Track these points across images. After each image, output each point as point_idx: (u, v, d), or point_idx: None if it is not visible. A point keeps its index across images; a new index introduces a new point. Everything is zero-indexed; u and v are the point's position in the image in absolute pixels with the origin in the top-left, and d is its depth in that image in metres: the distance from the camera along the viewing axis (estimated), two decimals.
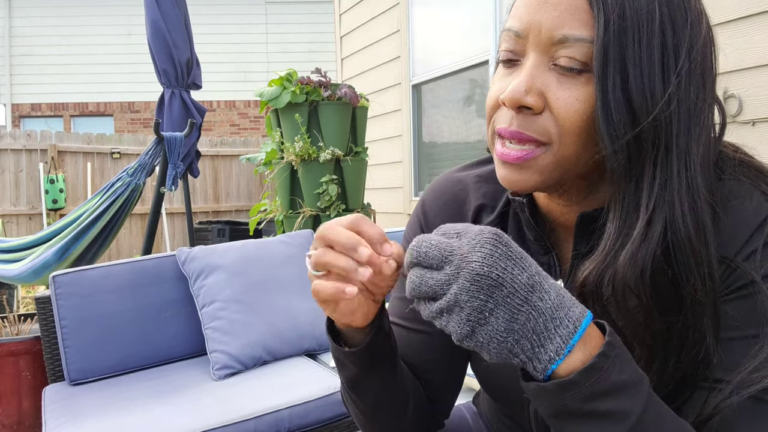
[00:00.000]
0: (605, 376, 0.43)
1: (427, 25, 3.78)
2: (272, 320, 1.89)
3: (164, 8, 2.93)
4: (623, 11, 0.49)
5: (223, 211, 6.91)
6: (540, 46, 0.53)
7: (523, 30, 0.54)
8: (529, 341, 0.43)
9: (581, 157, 0.53)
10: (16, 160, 6.02)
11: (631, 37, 0.49)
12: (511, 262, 0.43)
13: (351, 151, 3.10)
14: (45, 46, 9.61)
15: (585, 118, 0.51)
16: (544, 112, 0.53)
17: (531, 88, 0.52)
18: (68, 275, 1.82)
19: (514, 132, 0.54)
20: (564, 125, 0.52)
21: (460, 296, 0.42)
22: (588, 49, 0.50)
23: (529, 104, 0.52)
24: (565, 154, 0.53)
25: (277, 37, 10.14)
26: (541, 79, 0.52)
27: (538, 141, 0.53)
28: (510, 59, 0.55)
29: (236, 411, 1.51)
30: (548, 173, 0.54)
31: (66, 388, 1.74)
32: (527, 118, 0.53)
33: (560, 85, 0.52)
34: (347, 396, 0.65)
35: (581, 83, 0.51)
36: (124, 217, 2.63)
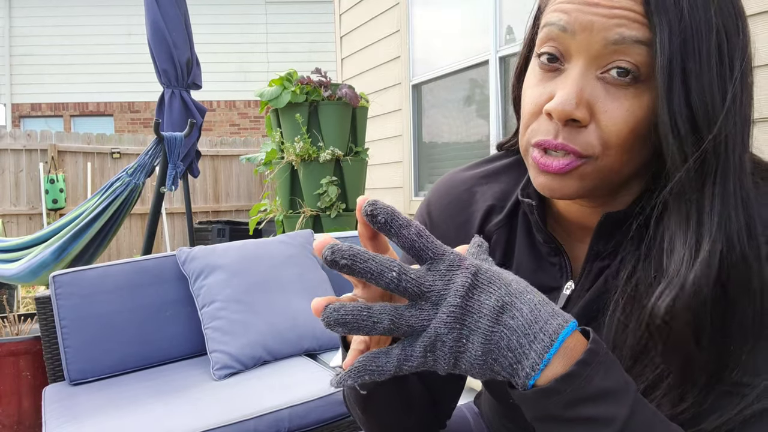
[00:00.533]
0: (585, 383, 0.43)
1: (427, 25, 3.78)
2: (272, 320, 1.89)
3: (164, 8, 2.93)
4: (684, 20, 0.48)
5: (223, 211, 6.91)
6: (591, 49, 0.50)
7: (571, 26, 0.50)
8: (506, 359, 0.43)
9: (623, 166, 0.53)
10: (16, 160, 6.02)
11: (692, 47, 0.48)
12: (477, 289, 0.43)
13: (351, 151, 3.10)
14: (45, 46, 9.61)
15: (632, 131, 0.50)
16: (590, 125, 0.51)
17: (581, 101, 0.50)
18: (68, 275, 1.82)
19: (559, 145, 0.52)
20: (609, 139, 0.50)
21: (440, 329, 0.42)
22: (644, 53, 0.48)
23: (579, 117, 0.50)
24: (608, 165, 0.52)
25: (277, 37, 10.14)
26: (589, 90, 0.50)
27: (581, 154, 0.51)
28: (552, 59, 0.53)
29: (236, 411, 1.51)
30: (589, 181, 0.53)
31: (66, 388, 1.74)
32: (573, 130, 0.51)
33: (608, 96, 0.50)
34: (354, 403, 0.65)
35: (630, 95, 0.50)
36: (123, 217, 2.63)
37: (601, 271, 0.60)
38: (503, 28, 3.12)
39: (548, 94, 0.53)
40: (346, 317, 0.42)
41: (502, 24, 3.12)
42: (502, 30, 3.13)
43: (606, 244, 0.59)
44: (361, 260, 0.41)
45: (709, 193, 0.49)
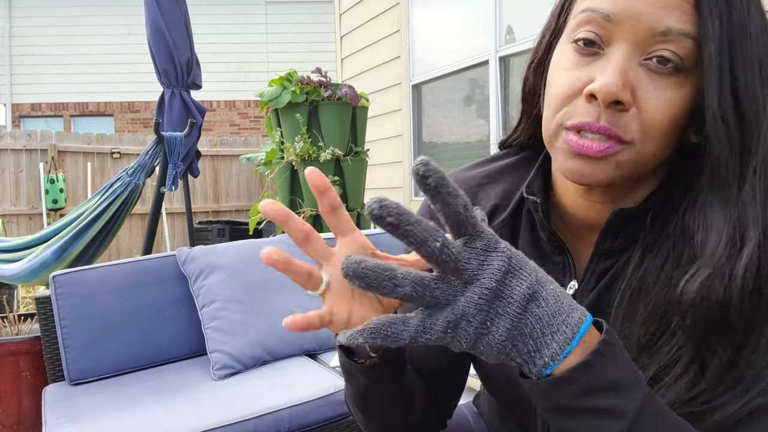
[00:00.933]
0: (599, 373, 0.43)
1: (427, 25, 3.78)
2: (272, 320, 1.89)
3: (164, 8, 2.93)
4: (731, 14, 0.48)
5: (223, 211, 6.91)
6: (636, 36, 0.49)
7: (616, 15, 0.50)
8: (526, 346, 0.43)
9: (657, 157, 0.53)
10: (16, 160, 6.02)
11: (739, 39, 0.49)
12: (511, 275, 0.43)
13: (351, 151, 3.10)
14: (45, 46, 9.61)
15: (672, 121, 0.50)
16: (631, 110, 0.50)
17: (627, 83, 0.49)
18: (68, 275, 1.82)
19: (602, 128, 0.50)
20: (651, 126, 0.50)
21: (468, 309, 0.41)
22: (689, 46, 0.49)
23: (624, 100, 0.49)
24: (645, 153, 0.52)
25: (277, 37, 10.14)
26: (633, 74, 0.50)
27: (622, 139, 0.51)
28: (593, 43, 0.52)
29: (236, 411, 1.51)
30: (624, 169, 0.52)
31: (66, 388, 1.74)
32: (615, 114, 0.50)
33: (651, 82, 0.50)
34: (354, 403, 0.65)
35: (672, 84, 0.50)
36: (124, 217, 2.63)
37: (606, 270, 0.59)
38: (503, 28, 3.12)
39: (586, 77, 0.52)
40: (366, 272, 0.40)
41: (502, 24, 3.12)
42: (502, 30, 3.13)
43: (613, 242, 0.58)
44: (407, 222, 0.40)
45: (751, 182, 0.49)
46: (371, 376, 0.58)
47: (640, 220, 0.56)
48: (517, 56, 3.03)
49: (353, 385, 0.61)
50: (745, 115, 0.49)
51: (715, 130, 0.49)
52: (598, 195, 0.59)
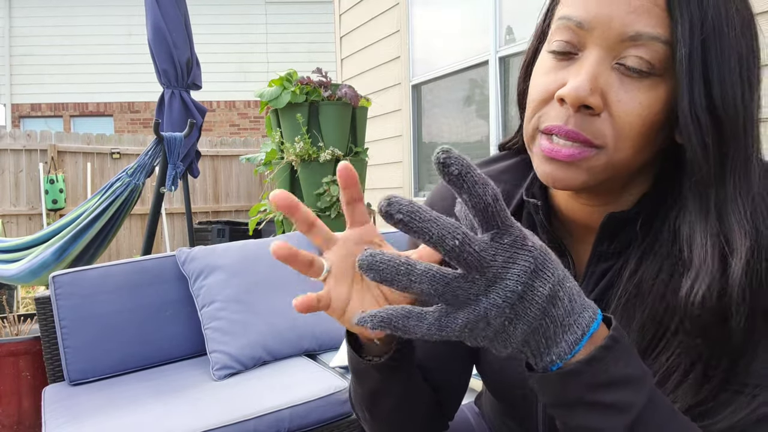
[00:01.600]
0: (607, 368, 0.42)
1: (427, 26, 3.79)
2: (272, 320, 1.89)
3: (164, 8, 2.93)
4: (706, 15, 0.48)
5: (222, 212, 6.91)
6: (607, 42, 0.50)
7: (588, 22, 0.50)
8: (538, 344, 0.43)
9: (633, 161, 0.52)
10: (15, 161, 6.02)
11: (713, 42, 0.48)
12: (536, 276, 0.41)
13: (351, 152, 3.10)
14: (45, 46, 9.60)
15: (645, 124, 0.50)
16: (603, 114, 0.50)
17: (595, 88, 0.49)
18: (68, 275, 1.82)
19: (570, 131, 0.50)
20: (623, 129, 0.50)
21: (490, 311, 0.40)
22: (660, 50, 0.48)
23: (592, 104, 0.49)
24: (618, 158, 0.51)
25: (277, 37, 10.14)
26: (603, 78, 0.50)
27: (593, 143, 0.50)
28: (567, 51, 0.52)
29: (236, 411, 1.51)
30: (596, 174, 0.52)
31: (66, 388, 1.74)
32: (585, 118, 0.50)
33: (623, 86, 0.50)
34: (362, 404, 0.64)
35: (645, 87, 0.49)
36: (123, 218, 2.63)
37: (605, 272, 0.59)
38: (503, 29, 3.12)
39: (560, 81, 0.52)
40: (381, 265, 0.38)
41: (502, 24, 3.12)
42: (502, 30, 3.13)
43: (609, 245, 0.58)
44: (420, 219, 0.37)
45: (731, 187, 0.49)
46: (382, 375, 0.57)
47: (635, 222, 0.56)
48: (517, 56, 3.03)
49: (362, 384, 0.60)
50: (721, 117, 0.48)
51: (687, 132, 0.49)
52: (586, 197, 0.59)
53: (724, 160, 0.49)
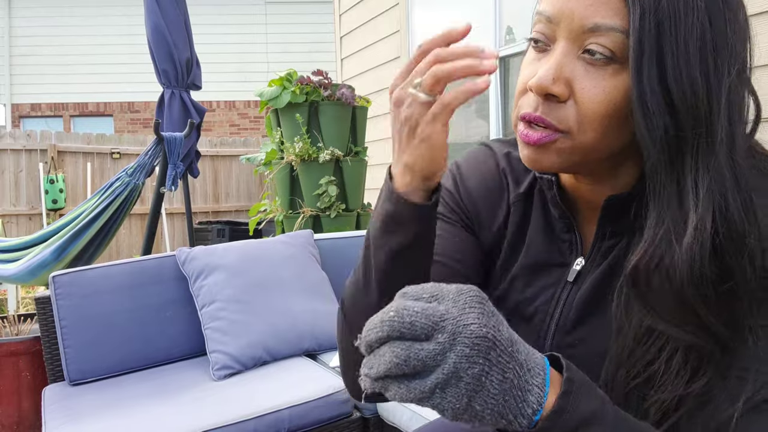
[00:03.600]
0: (572, 414, 0.43)
1: (428, 26, 3.79)
2: (272, 320, 1.89)
3: (164, 8, 2.93)
4: (658, 5, 0.49)
5: (222, 212, 6.91)
6: (571, 34, 0.53)
7: (554, 16, 0.55)
8: (514, 398, 0.42)
9: (600, 144, 0.55)
10: (15, 160, 6.02)
11: (668, 28, 0.49)
12: (494, 318, 0.42)
13: (350, 152, 3.10)
14: (45, 46, 9.60)
15: (607, 109, 0.53)
16: (569, 101, 0.54)
17: (559, 77, 0.53)
18: (68, 275, 1.82)
19: (536, 117, 0.55)
20: (585, 115, 0.53)
21: (460, 365, 0.40)
22: (619, 39, 0.51)
23: (556, 92, 0.53)
24: (584, 141, 0.55)
25: (277, 37, 10.13)
26: (569, 68, 0.54)
27: (558, 128, 0.55)
28: (540, 41, 0.57)
29: (236, 411, 1.51)
30: (566, 156, 0.56)
31: (66, 388, 1.74)
32: (551, 105, 0.55)
33: (587, 74, 0.53)
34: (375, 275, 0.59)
35: (608, 74, 0.53)
36: (123, 217, 2.62)
37: (610, 249, 0.62)
38: (503, 29, 3.12)
39: (534, 72, 0.56)
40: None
41: (502, 24, 3.12)
42: (501, 30, 3.13)
43: (613, 224, 0.61)
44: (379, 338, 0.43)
45: (692, 170, 0.51)
46: (421, 224, 0.56)
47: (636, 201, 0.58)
48: (517, 57, 3.03)
49: (394, 241, 0.57)
50: (675, 102, 0.50)
51: (637, 118, 0.51)
52: (584, 179, 0.62)
53: (682, 144, 0.50)
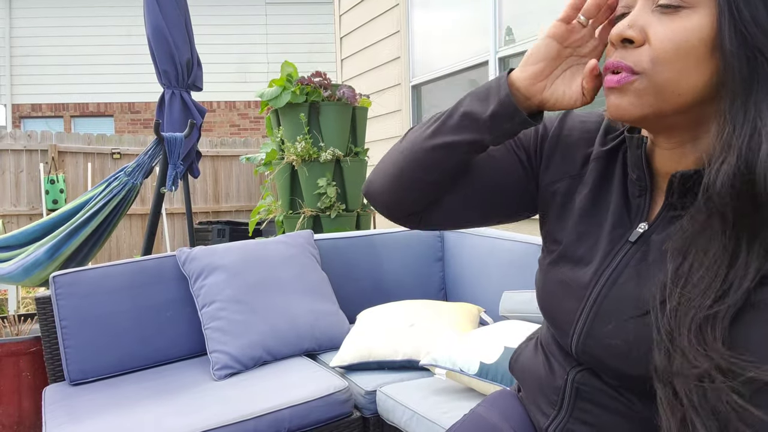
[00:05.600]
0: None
1: (427, 26, 3.79)
2: (272, 320, 1.90)
3: (164, 8, 2.93)
4: None
5: (223, 212, 6.91)
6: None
7: None
8: None
9: (677, 83, 0.60)
10: (16, 161, 6.02)
11: None
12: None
13: (351, 152, 3.10)
14: (45, 46, 9.60)
15: (679, 46, 0.59)
16: (644, 46, 0.61)
17: (634, 24, 0.61)
18: (68, 275, 1.82)
19: (614, 62, 0.62)
20: (658, 53, 0.59)
21: None
22: None
23: (630, 36, 0.61)
24: (659, 80, 0.60)
25: (277, 38, 10.13)
26: (644, 18, 0.61)
27: (634, 70, 0.61)
28: (624, 13, 0.64)
29: (236, 411, 1.51)
30: (644, 97, 0.61)
31: (66, 388, 1.74)
32: (627, 50, 0.62)
33: (660, 21, 0.60)
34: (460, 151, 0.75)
35: (678, 18, 0.59)
36: (119, 217, 2.59)
37: (673, 219, 0.65)
38: (503, 29, 3.13)
39: None
40: None
41: (502, 25, 3.13)
42: (501, 31, 3.13)
43: (679, 197, 0.65)
44: None
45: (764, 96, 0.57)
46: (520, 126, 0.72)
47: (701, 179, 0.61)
48: (516, 57, 3.04)
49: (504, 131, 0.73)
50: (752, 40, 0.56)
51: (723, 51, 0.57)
52: (661, 141, 0.67)
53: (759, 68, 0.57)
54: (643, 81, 0.61)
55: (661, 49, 0.59)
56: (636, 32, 0.60)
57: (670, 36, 0.59)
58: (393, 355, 1.75)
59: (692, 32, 0.58)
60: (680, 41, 0.58)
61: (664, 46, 0.59)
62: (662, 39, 0.59)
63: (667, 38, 0.59)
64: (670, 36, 0.59)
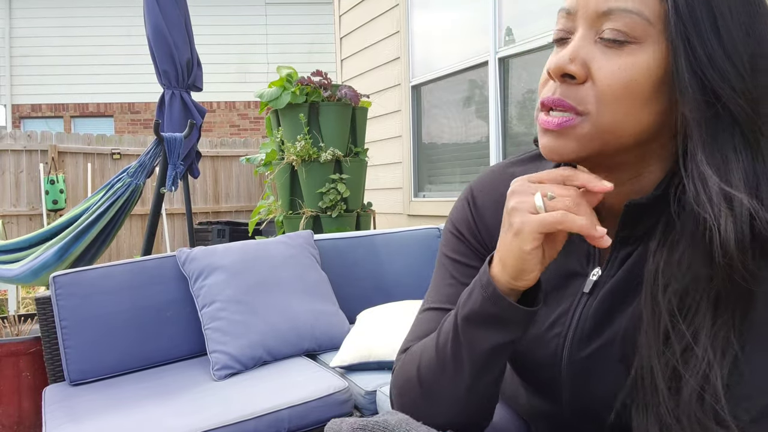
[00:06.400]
0: None
1: (427, 26, 3.79)
2: (272, 320, 1.90)
3: (164, 8, 2.93)
4: None
5: (223, 212, 6.91)
6: (587, 20, 0.56)
7: (573, 7, 0.57)
8: None
9: (620, 128, 0.55)
10: (16, 161, 6.02)
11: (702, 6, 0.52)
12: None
13: (351, 152, 3.10)
14: (45, 46, 9.60)
15: (626, 86, 0.54)
16: (587, 83, 0.55)
17: (575, 57, 0.55)
18: (68, 275, 1.82)
19: (555, 99, 0.56)
20: (604, 93, 0.54)
21: None
22: (632, 20, 0.53)
23: (572, 72, 0.55)
24: (603, 123, 0.55)
25: (277, 38, 10.14)
26: (585, 50, 0.55)
27: (577, 110, 0.55)
28: (562, 38, 0.59)
29: (236, 411, 1.51)
30: (586, 142, 0.56)
31: (66, 388, 1.74)
32: (570, 87, 0.56)
33: (603, 56, 0.55)
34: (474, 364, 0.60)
35: (624, 54, 0.54)
36: (124, 218, 2.62)
37: (628, 256, 0.62)
38: (502, 30, 3.13)
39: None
40: None
41: (502, 25, 3.13)
42: (501, 31, 3.13)
43: (632, 230, 0.61)
44: None
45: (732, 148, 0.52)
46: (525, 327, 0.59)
47: (656, 207, 0.58)
48: (516, 57, 3.04)
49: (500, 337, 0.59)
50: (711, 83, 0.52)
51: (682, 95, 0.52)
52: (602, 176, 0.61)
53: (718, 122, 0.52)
54: (586, 124, 0.55)
55: (607, 87, 0.54)
56: (578, 67, 0.54)
57: (617, 74, 0.53)
58: (393, 355, 1.75)
59: (640, 70, 0.53)
60: (628, 80, 0.53)
61: (611, 84, 0.54)
62: (608, 77, 0.54)
63: (615, 76, 0.53)
64: (617, 74, 0.53)
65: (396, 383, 0.69)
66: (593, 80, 0.54)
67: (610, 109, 0.54)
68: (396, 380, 0.70)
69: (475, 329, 0.59)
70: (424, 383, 0.65)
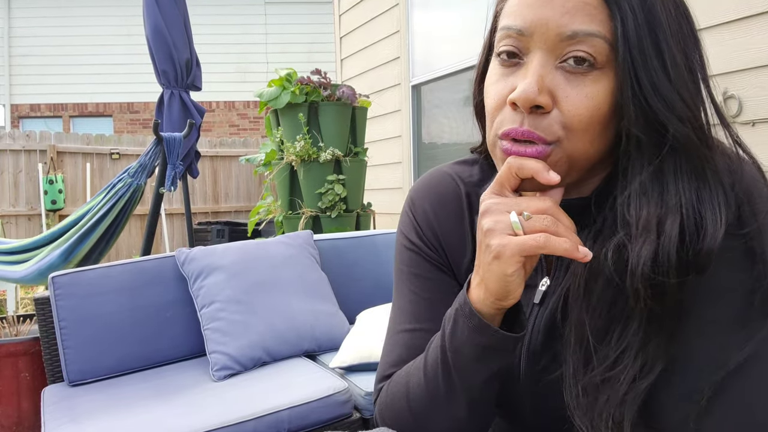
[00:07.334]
0: None
1: (427, 26, 3.79)
2: (272, 321, 1.89)
3: (164, 8, 2.93)
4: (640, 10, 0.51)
5: (222, 212, 6.91)
6: (547, 44, 0.52)
7: (527, 28, 0.53)
8: None
9: (589, 152, 0.54)
10: (15, 161, 6.02)
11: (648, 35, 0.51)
12: None
13: (350, 152, 3.10)
14: (44, 46, 9.60)
15: (594, 115, 0.52)
16: (552, 111, 0.53)
17: (543, 88, 0.52)
18: (67, 276, 1.82)
19: (525, 132, 0.53)
20: (572, 122, 0.52)
21: None
22: (599, 44, 0.51)
23: (541, 103, 0.52)
24: (574, 149, 0.53)
25: (277, 38, 10.14)
26: (549, 78, 0.52)
27: (546, 140, 0.53)
28: (512, 54, 0.55)
29: (236, 412, 1.51)
30: (560, 168, 0.54)
31: (65, 389, 1.74)
32: (537, 117, 0.53)
33: (568, 83, 0.52)
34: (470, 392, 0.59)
35: (590, 81, 0.52)
36: (127, 218, 2.64)
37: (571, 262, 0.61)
38: None
39: (510, 86, 0.54)
40: None
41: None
42: None
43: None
44: None
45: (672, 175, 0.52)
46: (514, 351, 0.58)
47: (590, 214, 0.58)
48: None
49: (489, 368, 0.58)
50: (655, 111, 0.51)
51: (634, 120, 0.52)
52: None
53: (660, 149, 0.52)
54: (557, 152, 0.53)
55: (575, 117, 0.52)
56: (546, 98, 0.52)
57: (585, 102, 0.52)
58: None
59: (605, 98, 0.52)
60: (594, 108, 0.52)
61: (579, 114, 0.52)
62: (577, 106, 0.52)
63: (583, 105, 0.52)
64: (585, 102, 0.52)
65: (384, 413, 0.67)
66: (560, 109, 0.52)
67: (578, 137, 0.53)
68: (384, 410, 0.67)
69: (467, 361, 0.58)
70: (417, 416, 0.63)
